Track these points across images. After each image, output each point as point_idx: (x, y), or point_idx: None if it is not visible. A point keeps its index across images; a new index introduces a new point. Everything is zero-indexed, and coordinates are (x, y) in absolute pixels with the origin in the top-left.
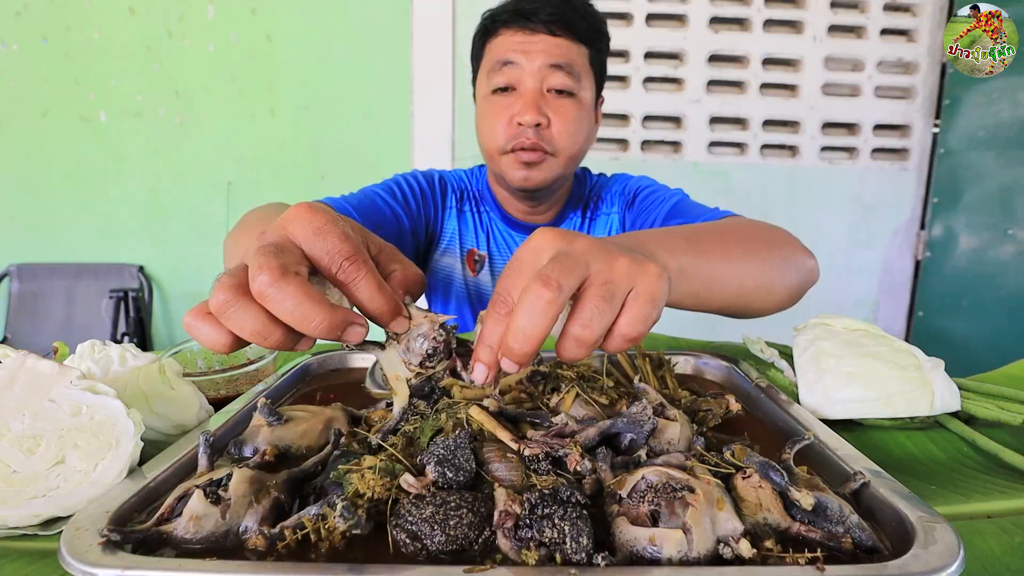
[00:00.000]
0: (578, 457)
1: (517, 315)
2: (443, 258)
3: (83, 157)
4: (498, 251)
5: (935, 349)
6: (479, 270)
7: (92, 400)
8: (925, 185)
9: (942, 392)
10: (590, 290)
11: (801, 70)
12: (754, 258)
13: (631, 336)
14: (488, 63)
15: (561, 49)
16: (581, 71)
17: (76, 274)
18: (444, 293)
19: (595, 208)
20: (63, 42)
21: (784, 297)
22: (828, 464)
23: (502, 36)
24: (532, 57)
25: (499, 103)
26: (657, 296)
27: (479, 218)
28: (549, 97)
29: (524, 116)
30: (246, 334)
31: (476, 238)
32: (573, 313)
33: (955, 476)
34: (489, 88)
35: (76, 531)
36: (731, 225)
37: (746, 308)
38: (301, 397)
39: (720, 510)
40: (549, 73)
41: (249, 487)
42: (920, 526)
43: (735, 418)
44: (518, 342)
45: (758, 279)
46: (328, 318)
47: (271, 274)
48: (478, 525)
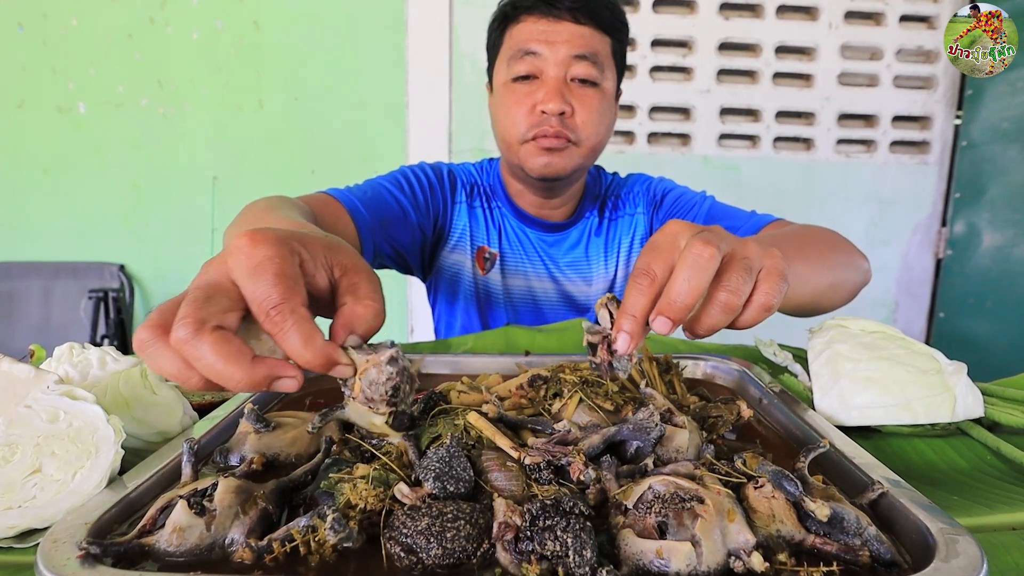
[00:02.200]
0: (581, 466)
1: (680, 273)
2: (452, 255)
3: (61, 150)
4: (510, 248)
5: (957, 352)
6: (489, 268)
7: (70, 406)
8: (947, 180)
9: (964, 397)
10: (732, 263)
11: (816, 59)
12: (825, 261)
13: (768, 304)
14: (508, 51)
15: (585, 39)
16: (605, 61)
17: (53, 273)
18: (451, 292)
19: (614, 207)
20: (40, 29)
21: (846, 297)
22: (844, 473)
23: (524, 24)
24: (556, 47)
25: (520, 91)
26: (785, 273)
27: (490, 214)
28: (572, 86)
29: (548, 104)
30: (166, 374)
31: (487, 235)
32: (719, 282)
33: (978, 486)
34: (509, 76)
35: (53, 544)
36: (800, 231)
37: (815, 308)
38: (290, 403)
39: (731, 522)
40: (573, 63)
41: (235, 497)
42: (941, 538)
43: (746, 425)
44: (681, 296)
45: (829, 280)
46: (247, 376)
47: (188, 328)
48: (476, 537)
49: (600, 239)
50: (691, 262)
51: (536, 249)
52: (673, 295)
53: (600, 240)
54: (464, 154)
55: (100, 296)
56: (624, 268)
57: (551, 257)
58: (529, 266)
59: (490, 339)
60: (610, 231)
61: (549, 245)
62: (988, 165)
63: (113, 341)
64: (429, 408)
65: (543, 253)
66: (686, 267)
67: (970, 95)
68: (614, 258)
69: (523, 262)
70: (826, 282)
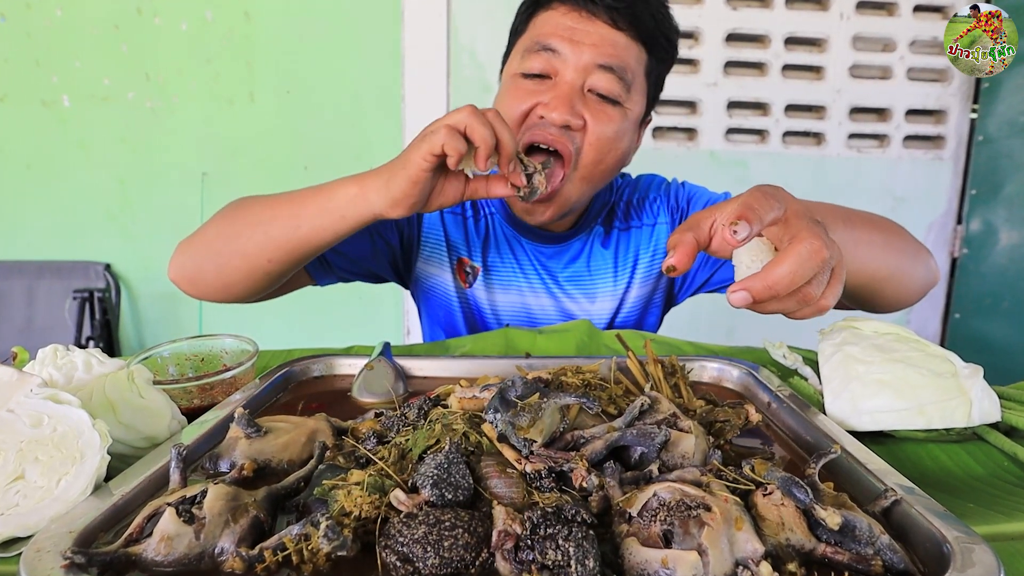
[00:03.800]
0: (584, 472)
1: (788, 262)
2: (427, 266)
3: (44, 145)
4: (501, 261)
5: (973, 355)
6: (471, 282)
7: (54, 410)
8: (962, 176)
9: (980, 401)
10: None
11: (827, 50)
12: (890, 248)
13: (826, 308)
14: (527, 40)
15: (617, 48)
16: (634, 79)
17: (37, 273)
18: (433, 304)
19: (626, 217)
20: (23, 20)
21: (914, 292)
22: (856, 480)
23: (553, 12)
24: (579, 49)
25: (526, 87)
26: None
27: (475, 224)
28: (589, 98)
29: (552, 112)
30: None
31: (469, 247)
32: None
33: (995, 493)
34: (520, 69)
35: (37, 553)
36: (867, 214)
37: (876, 296)
38: (282, 407)
39: (739, 530)
40: (595, 72)
41: (225, 505)
42: (957, 547)
43: (755, 430)
44: (779, 287)
45: (892, 267)
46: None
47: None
48: (475, 546)
49: (608, 251)
50: (805, 257)
51: (532, 261)
52: (772, 280)
53: (608, 253)
54: None
55: (85, 296)
56: (641, 285)
57: (548, 271)
58: (523, 280)
59: (489, 341)
60: (620, 244)
61: (547, 257)
62: (1005, 161)
63: (99, 343)
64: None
65: (539, 266)
66: (796, 260)
67: (986, 88)
68: (626, 273)
69: (516, 276)
70: (888, 269)
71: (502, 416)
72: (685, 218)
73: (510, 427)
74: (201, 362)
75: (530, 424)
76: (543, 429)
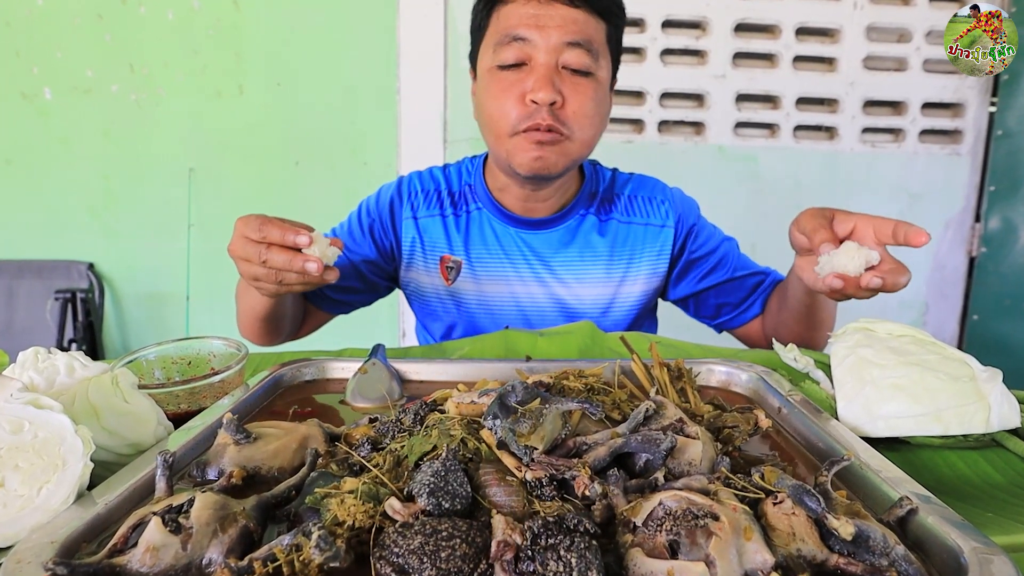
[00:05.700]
0: (587, 480)
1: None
2: (408, 273)
3: (25, 139)
4: (487, 251)
5: (991, 357)
6: (454, 278)
7: (35, 415)
8: (980, 171)
9: (999, 406)
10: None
11: (840, 41)
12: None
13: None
14: (495, 35)
15: (579, 24)
16: (599, 49)
17: (17, 272)
18: (423, 308)
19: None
20: (2, 10)
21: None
22: (870, 488)
23: (512, 5)
24: (547, 33)
25: (507, 78)
26: None
27: (456, 220)
28: (564, 75)
29: (538, 93)
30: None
31: (449, 242)
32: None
33: (1015, 501)
34: (495, 63)
35: (17, 564)
36: None
37: (813, 324)
38: (272, 412)
39: (748, 540)
40: (565, 50)
41: (213, 514)
42: (975, 558)
43: (765, 436)
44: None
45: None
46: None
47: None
48: (473, 557)
49: (605, 240)
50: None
51: (519, 248)
52: (892, 281)
53: (605, 241)
54: (460, 143)
55: (67, 297)
56: (645, 282)
57: (538, 256)
58: (511, 269)
59: (488, 343)
60: (620, 234)
61: (537, 243)
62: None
63: (82, 345)
64: (422, 418)
65: (528, 252)
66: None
67: (1006, 81)
68: (621, 265)
69: (503, 266)
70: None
71: (502, 422)
72: (690, 239)
73: (510, 433)
74: (188, 365)
75: (531, 430)
76: (544, 435)
